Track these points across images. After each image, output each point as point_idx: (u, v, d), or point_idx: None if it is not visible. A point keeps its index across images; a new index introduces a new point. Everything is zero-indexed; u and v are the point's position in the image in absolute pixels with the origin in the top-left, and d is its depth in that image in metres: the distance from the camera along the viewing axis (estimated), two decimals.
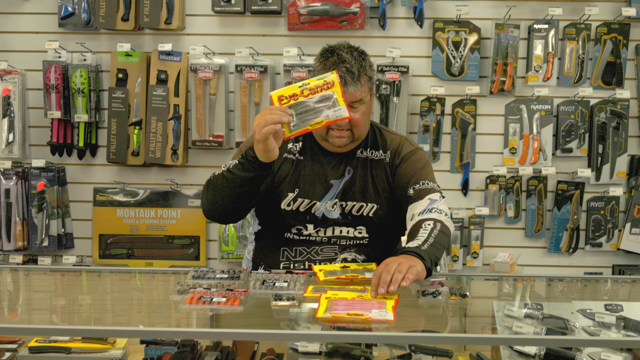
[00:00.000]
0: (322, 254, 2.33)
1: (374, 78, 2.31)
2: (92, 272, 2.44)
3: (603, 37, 3.56)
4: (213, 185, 2.22)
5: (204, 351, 2.04)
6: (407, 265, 1.90)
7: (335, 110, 2.04)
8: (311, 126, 2.05)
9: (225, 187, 2.17)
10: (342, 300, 1.85)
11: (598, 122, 3.57)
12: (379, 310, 1.76)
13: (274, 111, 2.00)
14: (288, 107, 2.03)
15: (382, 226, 2.36)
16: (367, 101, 2.27)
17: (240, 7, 3.54)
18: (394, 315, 1.75)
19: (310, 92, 2.03)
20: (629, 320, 1.87)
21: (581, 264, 3.68)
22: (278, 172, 2.35)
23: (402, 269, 1.89)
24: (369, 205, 2.32)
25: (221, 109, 3.61)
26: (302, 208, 2.32)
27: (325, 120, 2.05)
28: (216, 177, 2.21)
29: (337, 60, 2.23)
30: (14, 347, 2.04)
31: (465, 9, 3.49)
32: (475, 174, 3.66)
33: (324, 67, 2.25)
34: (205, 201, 2.27)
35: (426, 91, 3.60)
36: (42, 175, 3.58)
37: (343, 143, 2.29)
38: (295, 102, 2.03)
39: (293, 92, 2.03)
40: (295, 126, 2.04)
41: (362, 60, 2.26)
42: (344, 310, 1.77)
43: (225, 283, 2.04)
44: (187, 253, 3.68)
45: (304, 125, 2.04)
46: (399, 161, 2.35)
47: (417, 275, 1.92)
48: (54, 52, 3.59)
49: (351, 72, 2.20)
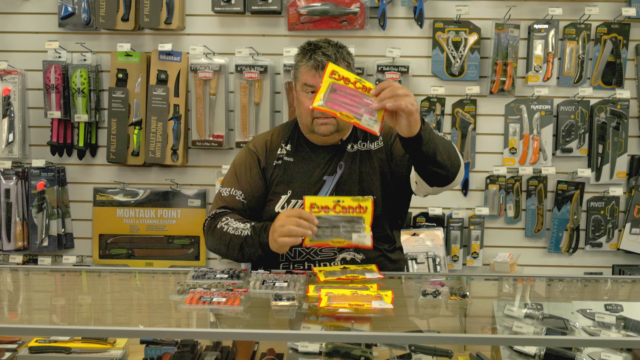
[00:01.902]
0: (321, 254, 2.33)
1: (353, 66, 2.34)
2: (92, 272, 2.44)
3: (603, 37, 3.56)
4: (219, 239, 2.26)
5: (204, 351, 2.04)
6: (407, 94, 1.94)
7: (360, 236, 2.08)
8: (332, 243, 2.09)
9: (232, 250, 2.24)
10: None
11: (598, 122, 3.57)
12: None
13: (301, 223, 2.04)
14: (317, 216, 2.06)
15: (381, 221, 2.35)
16: None
17: (240, 7, 3.54)
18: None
19: (342, 210, 2.07)
20: (629, 320, 1.87)
21: (581, 264, 3.68)
22: (270, 179, 2.37)
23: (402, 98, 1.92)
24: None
25: (221, 109, 3.61)
26: (297, 208, 2.32)
27: (347, 242, 2.08)
28: (223, 232, 2.24)
29: (313, 48, 2.28)
30: (14, 347, 2.05)
31: (465, 9, 3.49)
32: (475, 174, 3.66)
33: (302, 57, 2.29)
34: (209, 244, 2.35)
35: (426, 91, 3.60)
36: (42, 175, 3.58)
37: (329, 130, 2.29)
38: (325, 215, 2.07)
39: (326, 205, 2.07)
40: (317, 238, 2.07)
41: (340, 48, 2.32)
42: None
43: (225, 283, 2.04)
44: (187, 253, 3.68)
45: (326, 240, 2.08)
46: (392, 139, 2.36)
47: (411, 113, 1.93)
48: (54, 52, 3.59)
49: (327, 56, 2.25)
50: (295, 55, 2.38)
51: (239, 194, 2.36)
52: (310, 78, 2.26)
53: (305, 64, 2.27)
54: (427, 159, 2.05)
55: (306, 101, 2.27)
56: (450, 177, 2.15)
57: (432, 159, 2.05)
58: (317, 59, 2.24)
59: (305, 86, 2.28)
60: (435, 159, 2.05)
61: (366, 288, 1.97)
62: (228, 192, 2.37)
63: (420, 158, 2.06)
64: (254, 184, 2.37)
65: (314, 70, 2.25)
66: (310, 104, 2.03)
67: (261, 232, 2.16)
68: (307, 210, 2.07)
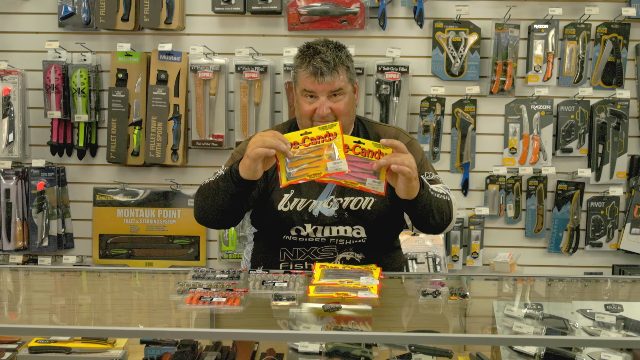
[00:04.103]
0: (320, 253, 2.33)
1: (353, 69, 2.33)
2: (92, 272, 2.44)
3: (603, 37, 3.56)
4: (202, 193, 2.24)
5: (204, 351, 2.04)
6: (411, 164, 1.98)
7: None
8: (309, 177, 1.99)
9: (211, 196, 2.20)
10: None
11: (598, 122, 3.57)
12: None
13: (275, 137, 1.99)
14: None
15: (381, 222, 2.36)
16: (348, 91, 2.28)
17: (240, 7, 3.54)
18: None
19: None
20: (629, 320, 1.87)
21: (581, 264, 3.68)
22: (272, 176, 2.35)
23: (404, 162, 1.97)
24: (366, 199, 2.32)
25: (221, 109, 3.61)
26: (300, 207, 2.32)
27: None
28: (205, 185, 2.23)
29: (312, 53, 2.26)
30: (14, 347, 2.04)
31: (465, 9, 3.49)
32: (475, 174, 3.67)
33: (301, 61, 2.27)
34: (195, 207, 2.30)
35: (426, 91, 3.60)
36: (42, 175, 3.58)
37: None
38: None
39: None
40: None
41: (338, 51, 2.29)
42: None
43: (225, 283, 2.04)
44: (187, 253, 3.68)
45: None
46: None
47: (410, 179, 1.98)
48: (54, 52, 3.59)
49: (326, 62, 2.23)
50: (294, 57, 2.37)
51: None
52: (310, 84, 2.25)
53: (305, 70, 2.26)
54: (418, 216, 2.16)
55: (305, 105, 2.27)
56: (438, 231, 2.27)
57: (424, 217, 2.16)
58: (315, 65, 2.22)
59: (304, 92, 2.28)
60: (427, 219, 2.16)
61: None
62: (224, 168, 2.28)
63: (412, 213, 2.17)
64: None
65: (313, 77, 2.24)
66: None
67: (233, 165, 2.12)
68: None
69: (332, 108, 2.25)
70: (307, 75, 2.25)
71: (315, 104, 2.25)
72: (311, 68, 2.23)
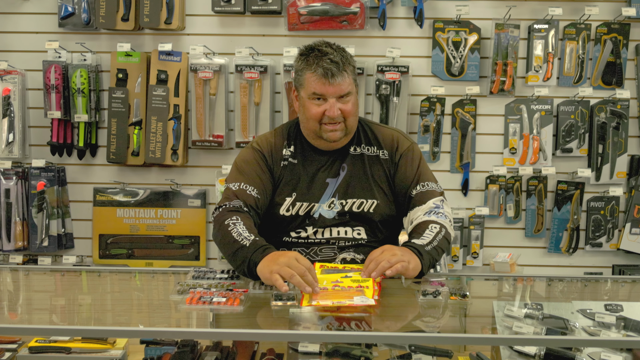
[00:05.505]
0: (321, 254, 2.33)
1: (356, 70, 2.34)
2: (92, 272, 2.44)
3: (603, 37, 3.56)
4: (219, 236, 2.19)
5: (204, 351, 2.04)
6: (399, 258, 2.00)
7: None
8: (332, 304, 1.87)
9: (226, 249, 2.16)
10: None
11: (598, 122, 3.57)
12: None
13: (305, 275, 1.91)
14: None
15: (382, 224, 2.36)
16: (354, 92, 2.30)
17: (240, 7, 3.54)
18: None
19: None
20: (629, 320, 1.87)
21: (581, 264, 3.68)
22: (277, 179, 2.35)
23: (392, 260, 1.99)
24: (369, 202, 2.33)
25: (221, 109, 3.61)
26: (302, 211, 2.32)
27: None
28: (224, 227, 2.16)
29: (318, 54, 2.25)
30: (14, 347, 2.05)
31: (465, 9, 3.49)
32: (475, 174, 3.66)
33: (306, 63, 2.26)
34: (212, 236, 2.28)
35: (426, 91, 3.60)
36: (42, 175, 3.58)
37: (337, 137, 2.30)
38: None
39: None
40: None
41: (343, 52, 2.30)
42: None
43: (225, 283, 2.04)
44: (187, 253, 3.68)
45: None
46: (398, 157, 2.36)
47: (406, 272, 2.02)
48: (54, 52, 3.59)
49: (335, 63, 2.23)
50: (295, 60, 2.35)
51: (250, 188, 2.28)
52: (320, 87, 2.24)
53: (313, 72, 2.24)
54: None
55: (314, 107, 2.26)
56: None
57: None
58: (325, 67, 2.21)
59: (314, 95, 2.27)
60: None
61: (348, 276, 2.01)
62: (237, 186, 2.28)
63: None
64: (265, 179, 2.32)
65: (324, 79, 2.22)
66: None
67: (257, 251, 2.05)
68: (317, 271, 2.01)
69: (341, 109, 2.25)
70: (317, 78, 2.23)
71: (324, 105, 2.25)
72: (320, 70, 2.22)
